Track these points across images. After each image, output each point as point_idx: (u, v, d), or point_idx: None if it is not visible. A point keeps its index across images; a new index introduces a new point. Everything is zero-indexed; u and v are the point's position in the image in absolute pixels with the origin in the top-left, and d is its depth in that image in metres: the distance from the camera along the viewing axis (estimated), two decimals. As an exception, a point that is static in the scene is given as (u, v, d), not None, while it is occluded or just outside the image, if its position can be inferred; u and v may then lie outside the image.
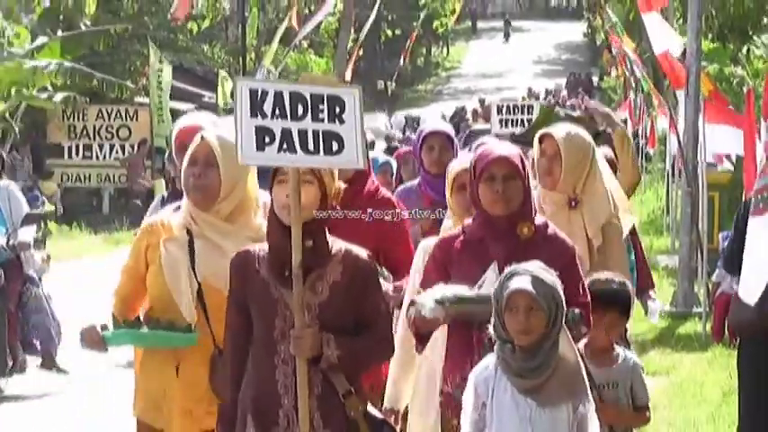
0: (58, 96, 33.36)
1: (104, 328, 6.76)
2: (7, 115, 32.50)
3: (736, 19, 25.97)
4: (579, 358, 6.35)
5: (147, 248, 6.93)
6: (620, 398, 7.47)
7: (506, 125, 20.02)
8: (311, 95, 6.42)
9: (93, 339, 6.77)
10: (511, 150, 7.13)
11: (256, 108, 6.37)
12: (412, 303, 6.96)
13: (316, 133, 6.38)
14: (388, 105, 60.29)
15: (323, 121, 6.40)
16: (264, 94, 6.41)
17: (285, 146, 6.31)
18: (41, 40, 33.83)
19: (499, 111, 20.64)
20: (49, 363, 15.08)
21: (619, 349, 7.62)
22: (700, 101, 20.59)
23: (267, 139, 6.32)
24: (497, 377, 6.25)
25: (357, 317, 6.38)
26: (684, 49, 21.76)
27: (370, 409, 6.46)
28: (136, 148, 37.11)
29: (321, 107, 6.41)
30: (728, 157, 22.38)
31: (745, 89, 24.60)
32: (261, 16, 51.27)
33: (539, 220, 7.10)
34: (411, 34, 64.64)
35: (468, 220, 7.20)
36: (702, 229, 20.76)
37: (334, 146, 6.37)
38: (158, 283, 6.82)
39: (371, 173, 8.50)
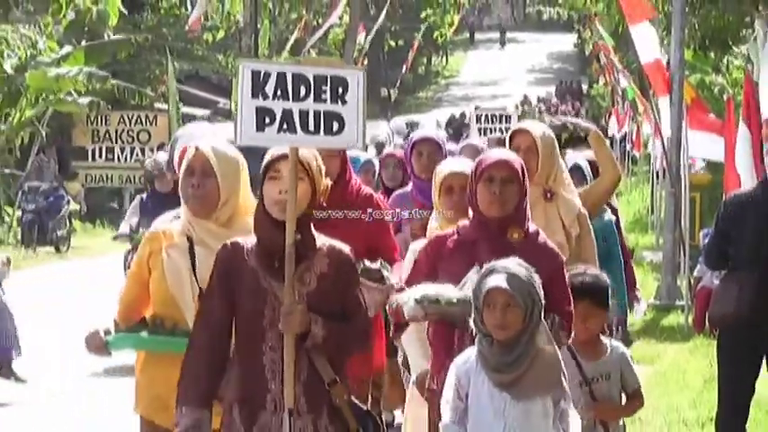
0: (83, 101, 33.40)
1: (107, 333, 6.66)
2: (35, 120, 32.52)
3: (717, 31, 25.91)
4: (558, 353, 6.18)
5: (149, 255, 6.77)
6: (611, 389, 7.31)
7: (485, 133, 20.04)
8: (314, 77, 6.26)
9: (97, 344, 6.68)
10: (512, 156, 7.03)
11: (258, 89, 6.22)
12: (400, 290, 6.87)
13: (317, 113, 6.25)
14: (391, 111, 60.22)
15: (325, 101, 6.26)
16: (267, 75, 6.25)
17: (285, 126, 6.20)
18: (67, 49, 33.86)
19: (478, 120, 20.73)
20: (6, 372, 14.22)
21: (606, 341, 7.49)
22: (683, 107, 20.64)
23: (267, 120, 6.20)
24: (477, 369, 6.14)
25: (338, 308, 6.22)
26: (668, 59, 21.78)
27: (354, 399, 6.30)
28: (155, 150, 37.20)
29: (324, 88, 6.25)
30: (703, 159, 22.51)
31: (725, 97, 24.63)
32: (272, 27, 51.19)
33: (531, 227, 6.96)
34: (413, 45, 64.73)
35: (464, 222, 7.02)
36: (684, 227, 20.86)
37: (335, 126, 6.26)
38: (161, 289, 6.68)
39: (352, 172, 8.28)
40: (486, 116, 20.71)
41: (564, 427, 6.06)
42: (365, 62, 59.33)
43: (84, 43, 35.37)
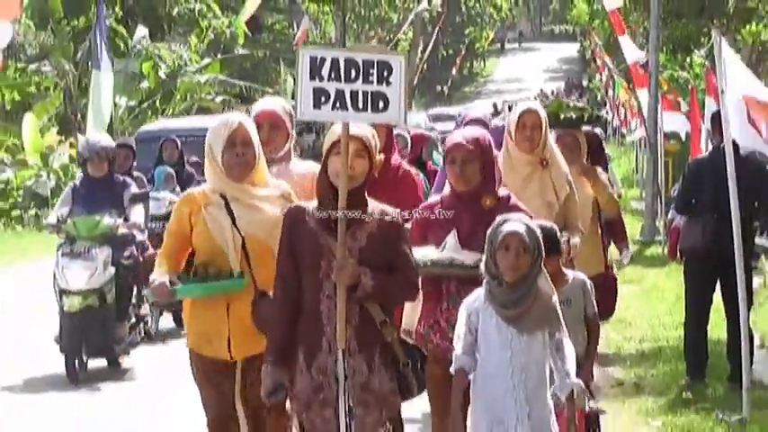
0: (218, 99, 33.56)
1: (173, 283, 5.91)
2: (184, 113, 32.68)
3: (683, 39, 25.71)
4: (554, 294, 5.55)
5: (189, 214, 5.99)
6: (572, 313, 6.57)
7: None
8: (363, 61, 5.60)
9: (163, 292, 5.87)
10: (469, 136, 6.23)
11: (315, 72, 5.58)
12: None
13: (365, 93, 5.59)
14: (443, 102, 60.03)
15: (372, 83, 5.59)
16: (323, 60, 5.60)
17: (338, 104, 5.57)
18: (206, 60, 34.11)
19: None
20: None
21: (568, 272, 6.80)
22: (658, 96, 20.71)
23: (323, 99, 5.57)
24: (485, 307, 5.46)
25: (389, 262, 5.54)
26: (647, 60, 21.76)
27: (403, 336, 5.84)
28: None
29: (371, 71, 5.59)
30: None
31: (689, 87, 24.59)
32: (356, 42, 51.18)
33: (502, 192, 6.25)
34: (459, 53, 64.51)
35: (446, 191, 6.39)
36: (660, 183, 20.93)
37: (380, 104, 5.60)
38: (207, 240, 5.92)
39: (396, 148, 7.38)
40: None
41: (560, 356, 5.46)
42: (425, 67, 59.19)
43: (219, 56, 35.60)
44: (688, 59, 28.88)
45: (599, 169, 8.94)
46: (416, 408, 7.29)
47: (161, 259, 6.09)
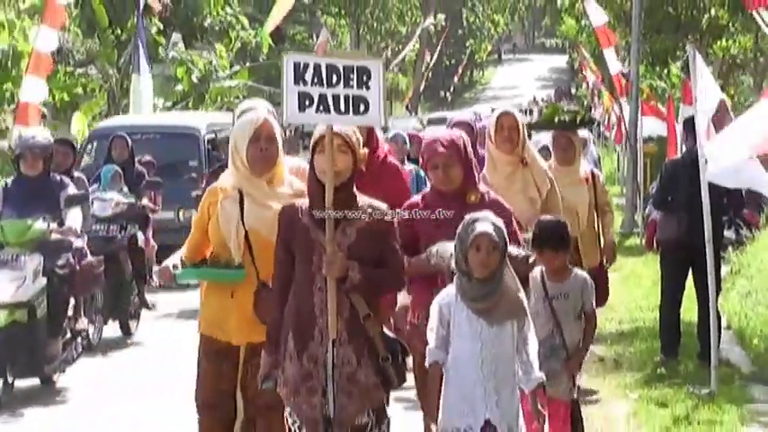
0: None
1: (175, 267, 5.71)
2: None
3: (660, 53, 25.71)
4: (519, 287, 5.28)
5: (209, 206, 5.74)
6: (568, 306, 6.44)
7: None
8: (343, 67, 5.25)
9: (166, 276, 5.74)
10: (446, 141, 5.98)
11: (299, 77, 5.23)
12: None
13: (347, 97, 5.23)
14: (447, 107, 59.80)
15: (353, 87, 5.24)
16: (306, 65, 5.24)
17: (321, 108, 5.21)
18: (235, 68, 34.13)
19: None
20: None
21: (574, 269, 6.62)
22: (639, 103, 20.75)
23: (307, 103, 5.22)
24: (457, 302, 5.23)
25: (377, 255, 5.27)
26: (629, 71, 21.77)
27: (386, 330, 5.39)
28: (290, 132, 36.68)
29: (351, 75, 5.23)
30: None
31: (667, 95, 24.58)
32: (369, 52, 51.08)
33: (482, 188, 6.04)
34: (461, 63, 64.42)
35: (426, 189, 6.20)
36: (639, 181, 20.93)
37: (361, 107, 5.24)
38: (217, 232, 5.67)
39: (380, 143, 6.86)
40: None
41: (526, 349, 5.20)
42: (430, 75, 59.08)
43: (246, 64, 35.59)
44: (665, 71, 28.80)
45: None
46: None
47: (185, 247, 5.89)
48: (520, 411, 5.28)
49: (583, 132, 11.06)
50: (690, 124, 9.74)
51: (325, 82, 5.24)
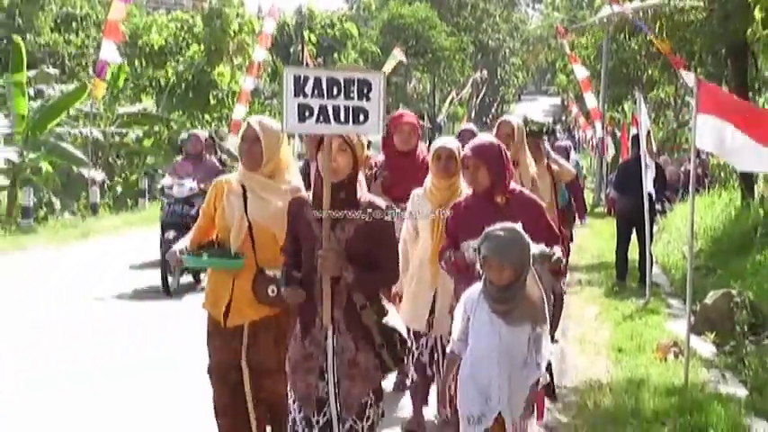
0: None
1: (182, 253, 4.23)
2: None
3: (618, 96, 25.13)
4: (543, 294, 3.81)
5: (215, 198, 4.34)
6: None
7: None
8: (344, 79, 3.75)
9: (175, 260, 4.29)
10: (476, 146, 4.39)
11: (299, 89, 3.74)
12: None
13: (347, 108, 3.53)
14: (487, 128, 58.61)
15: (353, 98, 3.55)
16: (306, 78, 3.63)
17: (321, 118, 3.70)
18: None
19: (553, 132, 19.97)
20: None
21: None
22: (604, 125, 20.39)
23: (307, 114, 3.70)
24: (480, 299, 3.76)
25: (374, 251, 3.71)
26: (599, 106, 21.32)
27: (385, 319, 3.85)
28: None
29: (352, 88, 3.70)
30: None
31: (621, 122, 23.96)
32: (440, 94, 50.54)
33: (515, 187, 4.22)
34: (496, 101, 63.42)
35: (469, 192, 4.50)
36: (603, 174, 20.51)
37: (361, 117, 3.68)
38: (223, 222, 4.20)
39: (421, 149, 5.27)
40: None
41: (536, 348, 3.71)
42: (477, 108, 58.18)
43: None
44: (621, 107, 28.15)
45: (561, 159, 7.38)
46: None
47: (192, 233, 4.51)
48: (528, 405, 3.81)
49: (566, 143, 10.88)
50: (635, 140, 9.62)
51: (325, 94, 3.75)
